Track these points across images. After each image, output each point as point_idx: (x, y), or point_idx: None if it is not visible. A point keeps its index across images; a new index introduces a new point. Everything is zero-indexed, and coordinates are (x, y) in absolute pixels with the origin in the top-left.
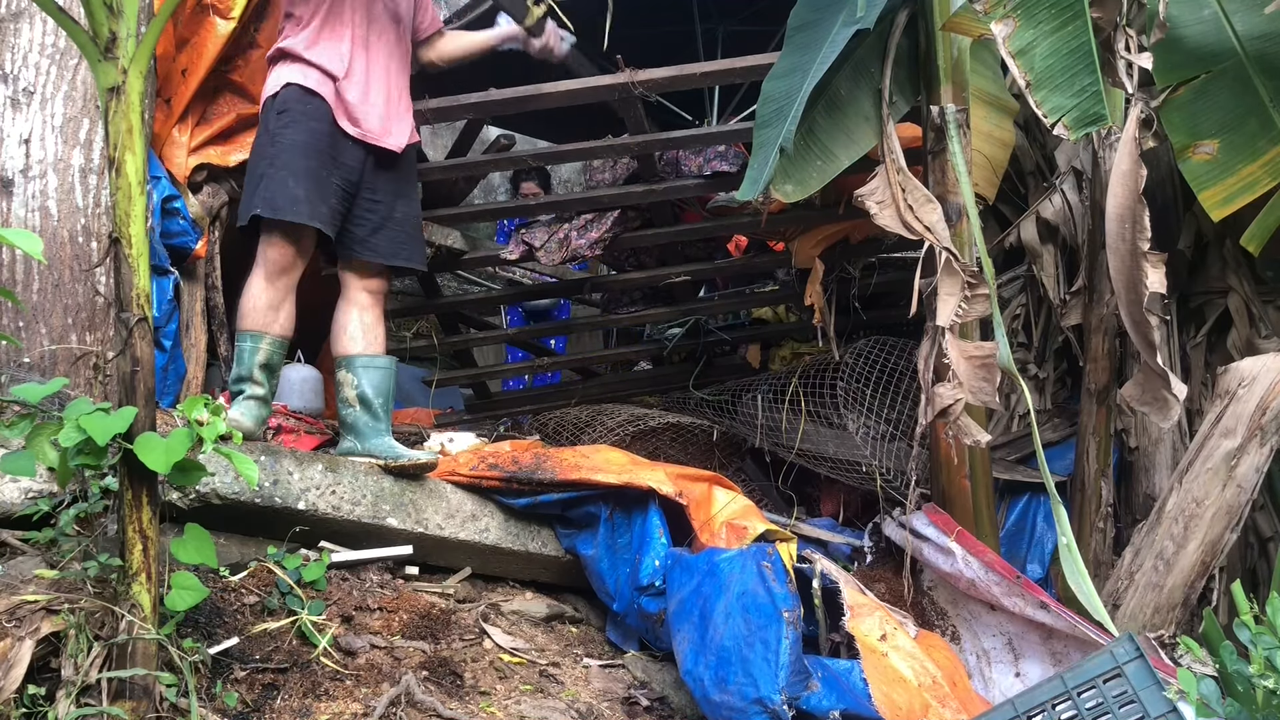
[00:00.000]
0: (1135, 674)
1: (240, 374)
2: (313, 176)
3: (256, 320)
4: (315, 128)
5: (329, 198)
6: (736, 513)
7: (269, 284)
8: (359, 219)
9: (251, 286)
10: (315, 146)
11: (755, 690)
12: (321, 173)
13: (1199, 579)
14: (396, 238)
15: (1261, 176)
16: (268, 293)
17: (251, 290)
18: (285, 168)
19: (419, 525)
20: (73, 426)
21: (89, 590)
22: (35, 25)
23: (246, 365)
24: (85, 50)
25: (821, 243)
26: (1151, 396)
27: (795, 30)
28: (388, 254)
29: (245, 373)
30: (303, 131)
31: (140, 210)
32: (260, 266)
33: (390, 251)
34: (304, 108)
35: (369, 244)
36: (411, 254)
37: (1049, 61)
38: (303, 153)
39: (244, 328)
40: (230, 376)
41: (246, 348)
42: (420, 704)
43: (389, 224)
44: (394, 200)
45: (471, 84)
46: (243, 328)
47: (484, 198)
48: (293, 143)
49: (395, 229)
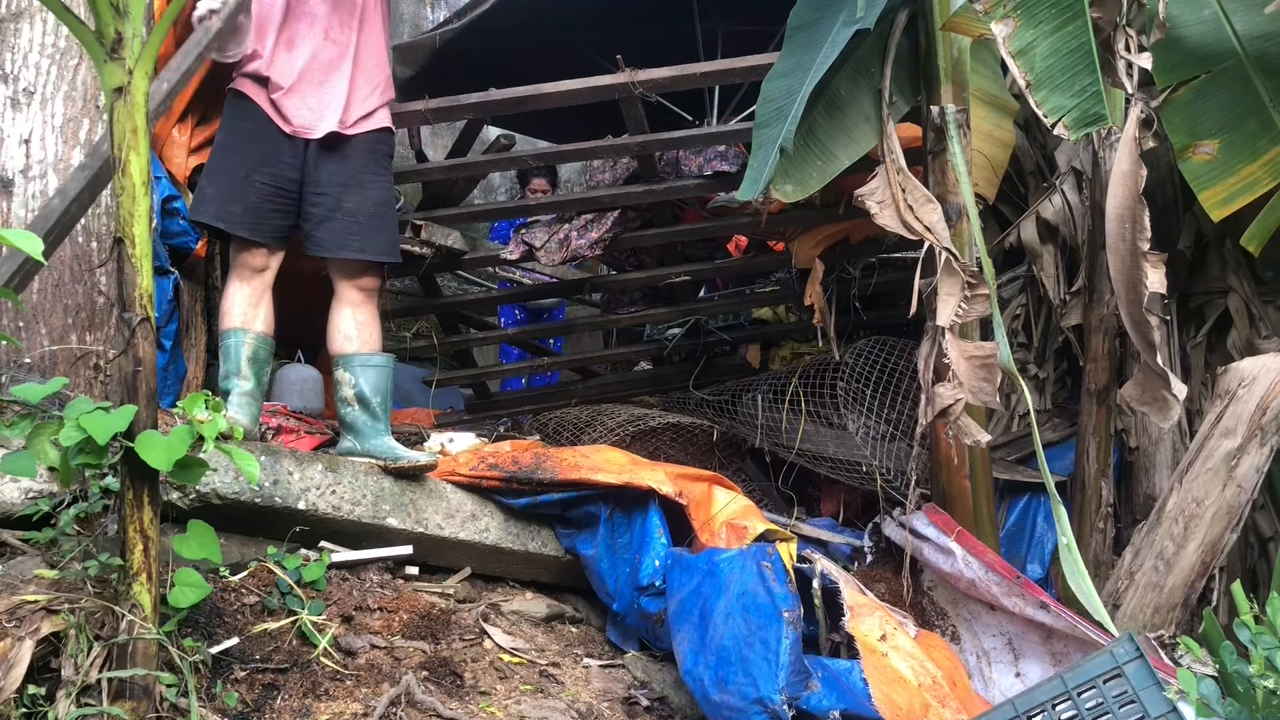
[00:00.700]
0: (1135, 674)
1: (228, 370)
2: (227, 176)
3: (237, 319)
4: (240, 127)
5: (246, 197)
6: (736, 513)
7: (243, 283)
8: (306, 214)
9: (228, 287)
10: (234, 146)
11: (755, 690)
12: (238, 172)
13: (1199, 579)
14: (346, 229)
15: (1261, 176)
16: (243, 291)
17: (228, 291)
18: (208, 172)
19: (419, 525)
20: (73, 426)
21: (89, 590)
22: (36, 25)
23: (234, 361)
24: (91, 50)
25: (821, 243)
26: (1151, 396)
27: (795, 30)
28: (332, 246)
29: (233, 368)
30: (225, 133)
31: (144, 210)
32: (232, 268)
33: (335, 243)
34: (233, 110)
35: (313, 238)
36: (365, 244)
37: (1049, 61)
38: (220, 154)
39: (226, 326)
40: (219, 375)
41: (231, 344)
42: (420, 704)
43: (335, 216)
44: (341, 191)
45: (472, 84)
46: (225, 327)
47: (484, 198)
48: (218, 144)
49: (343, 220)
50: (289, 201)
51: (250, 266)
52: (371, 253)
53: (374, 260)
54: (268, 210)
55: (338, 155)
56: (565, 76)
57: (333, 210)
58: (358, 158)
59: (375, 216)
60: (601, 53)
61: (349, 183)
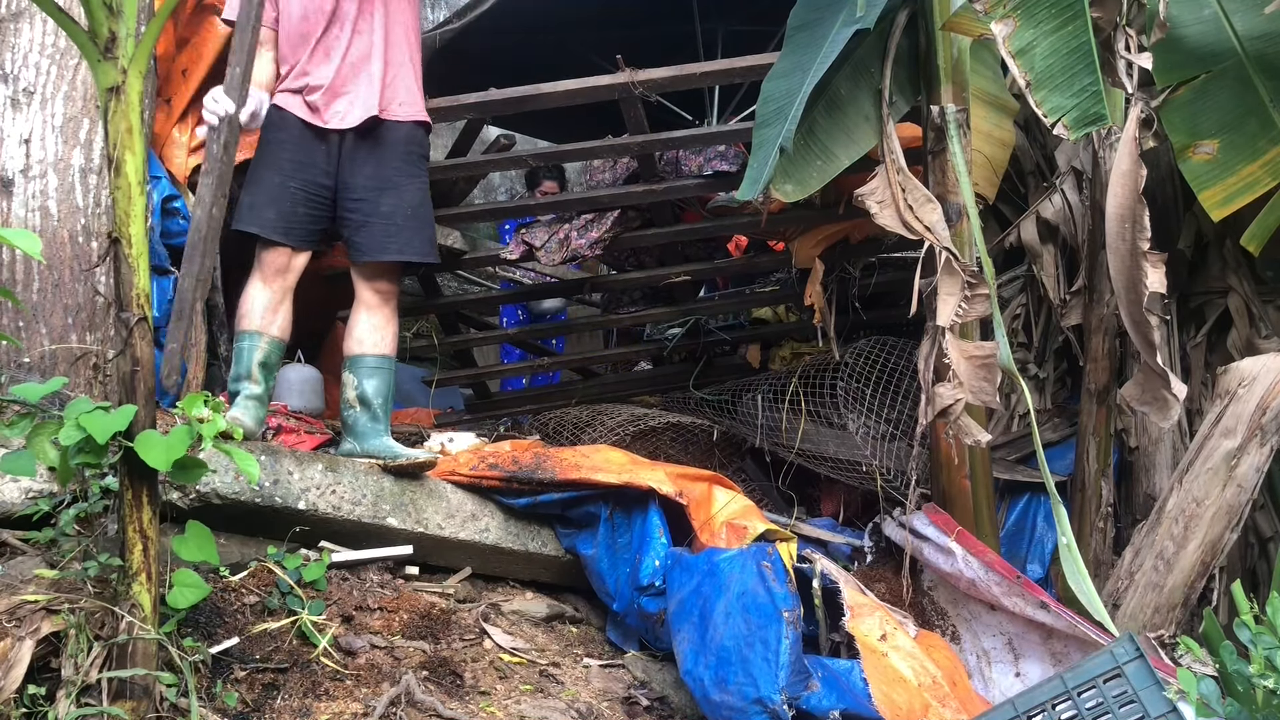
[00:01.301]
0: (1135, 674)
1: (239, 373)
2: (263, 184)
3: (255, 321)
4: (275, 137)
5: (281, 203)
6: (736, 512)
7: (265, 286)
8: (343, 220)
9: (250, 289)
10: (273, 154)
11: (755, 690)
12: (274, 179)
13: (1199, 579)
14: (384, 232)
15: (1261, 176)
16: (264, 294)
17: (250, 292)
18: (248, 180)
19: (419, 525)
20: (73, 425)
21: (89, 590)
22: (35, 25)
23: (245, 364)
24: (85, 50)
25: (821, 243)
26: (1151, 396)
27: (795, 30)
28: (372, 250)
29: (244, 372)
30: (264, 144)
31: (140, 210)
32: (256, 270)
33: (375, 247)
34: (269, 120)
35: (353, 244)
36: (404, 246)
37: (1049, 61)
38: (258, 163)
39: (243, 328)
40: (229, 376)
41: (245, 347)
42: (420, 704)
43: (374, 220)
44: (377, 195)
45: (472, 84)
46: (241, 328)
47: (484, 198)
48: (256, 157)
49: (381, 223)
50: (322, 205)
51: (274, 267)
52: (411, 253)
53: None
54: (301, 214)
55: (373, 153)
56: (565, 76)
57: (370, 215)
58: (392, 160)
59: (413, 218)
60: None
61: (384, 186)
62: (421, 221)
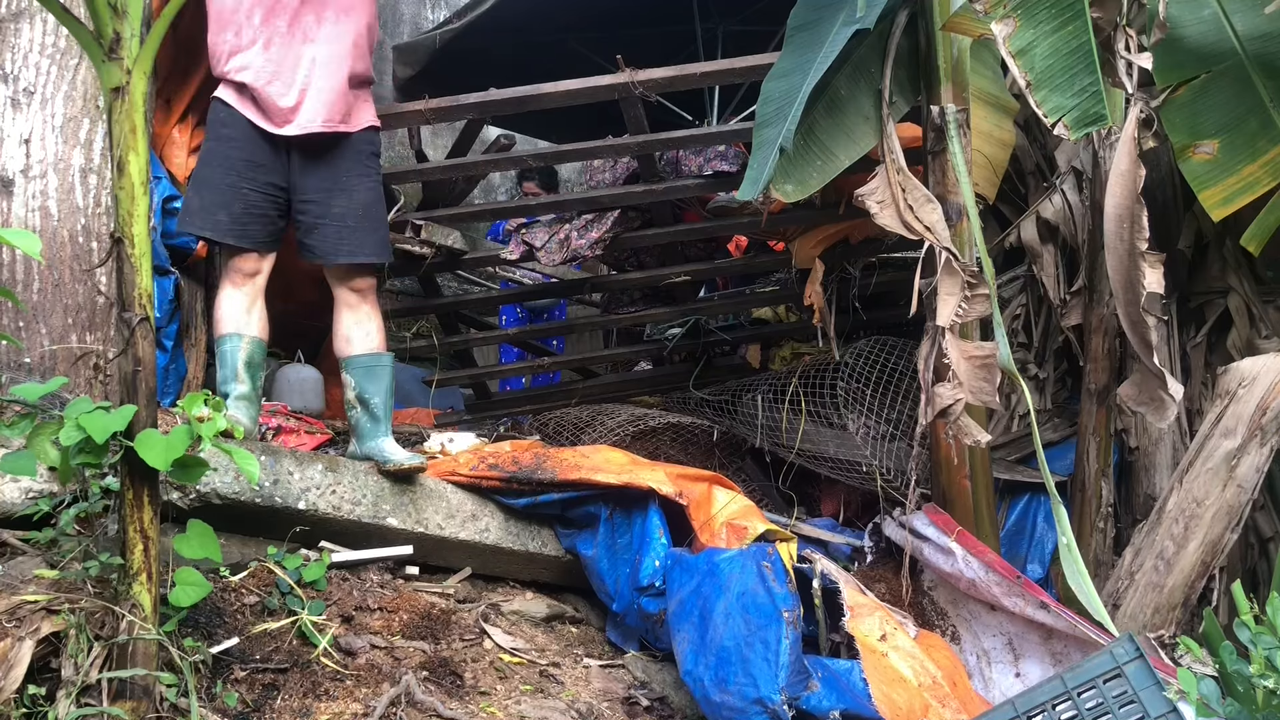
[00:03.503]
0: (1135, 674)
1: (225, 375)
2: (211, 185)
3: (232, 324)
4: (224, 134)
5: (231, 205)
6: (736, 513)
7: (235, 289)
8: (296, 222)
9: (222, 294)
10: (218, 154)
11: (755, 690)
12: (224, 180)
13: (1199, 579)
14: (337, 234)
15: (1261, 176)
16: (237, 297)
17: (221, 296)
18: (194, 181)
19: (419, 525)
20: (73, 425)
21: (89, 590)
22: (36, 25)
23: (230, 366)
24: (89, 50)
25: (821, 243)
26: (1148, 396)
27: (795, 30)
28: (324, 252)
29: (230, 374)
30: (211, 139)
31: (143, 210)
32: (225, 275)
33: (327, 250)
34: (216, 118)
35: (305, 245)
36: (355, 248)
37: (1049, 61)
38: (205, 163)
39: (222, 332)
40: (217, 381)
41: (227, 349)
42: (420, 704)
43: (325, 221)
44: (328, 196)
45: (472, 84)
46: (220, 332)
47: (484, 198)
48: (203, 153)
49: (333, 225)
50: (276, 205)
51: (241, 271)
52: (363, 255)
53: (366, 262)
54: (255, 216)
55: (322, 159)
56: (565, 76)
57: (321, 217)
58: (342, 161)
59: (365, 219)
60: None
61: (334, 188)
62: (375, 222)
